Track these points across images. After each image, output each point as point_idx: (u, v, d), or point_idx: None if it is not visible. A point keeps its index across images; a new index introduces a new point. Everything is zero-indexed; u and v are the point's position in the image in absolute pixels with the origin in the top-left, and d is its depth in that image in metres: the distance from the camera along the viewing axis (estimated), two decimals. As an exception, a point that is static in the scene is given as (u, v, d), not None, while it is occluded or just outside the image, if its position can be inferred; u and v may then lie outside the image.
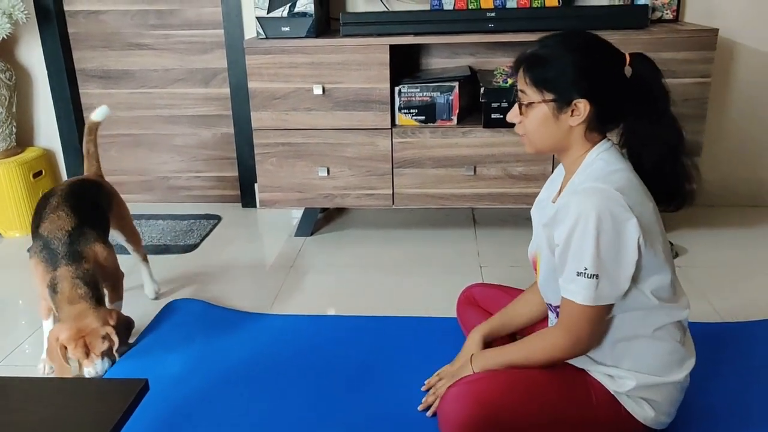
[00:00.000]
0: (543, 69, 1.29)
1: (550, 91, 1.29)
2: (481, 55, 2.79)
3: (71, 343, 1.64)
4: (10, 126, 2.87)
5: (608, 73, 1.30)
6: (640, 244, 1.24)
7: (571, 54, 1.29)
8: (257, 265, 2.54)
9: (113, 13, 3.00)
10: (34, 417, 0.86)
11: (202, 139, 3.14)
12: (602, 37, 1.34)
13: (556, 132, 1.32)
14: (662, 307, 1.32)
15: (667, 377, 1.34)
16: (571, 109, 1.29)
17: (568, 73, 1.28)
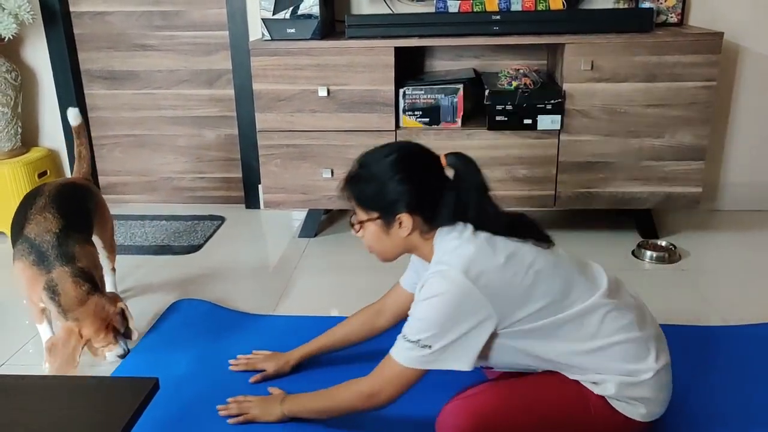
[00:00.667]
0: (362, 189, 1.37)
1: (374, 209, 1.36)
2: (485, 58, 2.80)
3: (100, 334, 1.68)
4: (15, 126, 2.88)
5: (424, 182, 1.35)
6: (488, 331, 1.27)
7: (386, 172, 1.34)
8: (261, 266, 2.54)
9: (119, 14, 3.01)
10: (46, 417, 0.86)
11: (206, 141, 3.15)
12: (417, 145, 1.40)
13: (394, 242, 1.38)
14: (573, 317, 1.32)
15: (638, 376, 1.33)
16: (398, 223, 1.35)
17: (385, 191, 1.34)
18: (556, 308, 1.31)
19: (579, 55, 2.35)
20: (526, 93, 2.41)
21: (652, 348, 1.36)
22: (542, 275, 1.31)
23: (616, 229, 2.74)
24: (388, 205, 1.34)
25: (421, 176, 1.35)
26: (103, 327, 1.68)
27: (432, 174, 1.36)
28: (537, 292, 1.30)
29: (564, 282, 1.33)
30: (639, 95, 2.38)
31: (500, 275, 1.28)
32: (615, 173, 2.48)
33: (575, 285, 1.34)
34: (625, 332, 1.34)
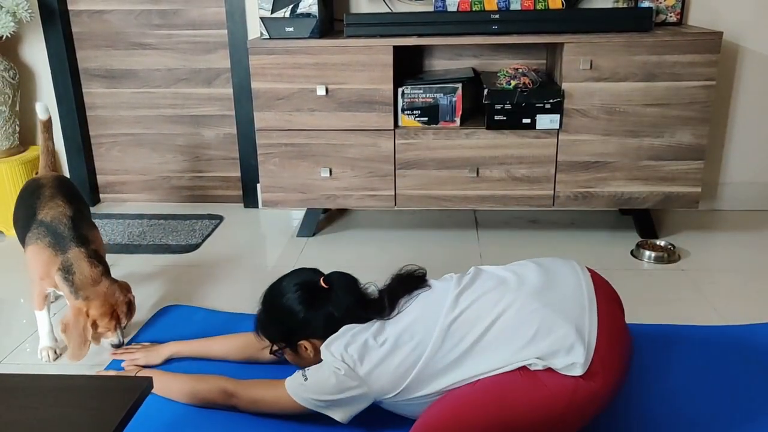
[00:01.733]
0: (264, 329, 1.58)
1: (280, 341, 1.56)
2: (484, 57, 2.79)
3: (105, 318, 1.73)
4: (13, 125, 2.87)
5: (309, 311, 1.51)
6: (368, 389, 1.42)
7: (278, 311, 1.54)
8: (259, 265, 2.53)
9: (117, 13, 3.00)
10: (37, 415, 0.86)
11: (205, 139, 3.14)
12: (303, 273, 1.60)
13: (309, 360, 1.53)
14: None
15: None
16: (303, 347, 1.53)
17: (281, 328, 1.55)
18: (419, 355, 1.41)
19: (578, 55, 2.34)
20: (525, 92, 2.41)
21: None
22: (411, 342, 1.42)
23: (615, 229, 2.74)
24: (289, 337, 1.54)
25: (310, 305, 1.52)
26: (109, 312, 1.74)
27: (318, 299, 1.52)
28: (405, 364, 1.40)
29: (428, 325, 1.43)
30: (638, 95, 2.37)
31: (379, 357, 1.41)
32: (614, 173, 2.47)
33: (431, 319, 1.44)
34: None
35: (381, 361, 1.40)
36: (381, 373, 1.40)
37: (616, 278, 2.17)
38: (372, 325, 1.47)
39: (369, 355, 1.41)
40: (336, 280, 1.58)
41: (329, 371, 1.42)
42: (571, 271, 1.47)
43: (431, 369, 1.38)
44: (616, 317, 1.42)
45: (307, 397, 1.45)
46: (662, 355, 1.80)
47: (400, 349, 1.40)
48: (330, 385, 1.42)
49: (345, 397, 1.42)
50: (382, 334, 1.44)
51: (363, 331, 1.46)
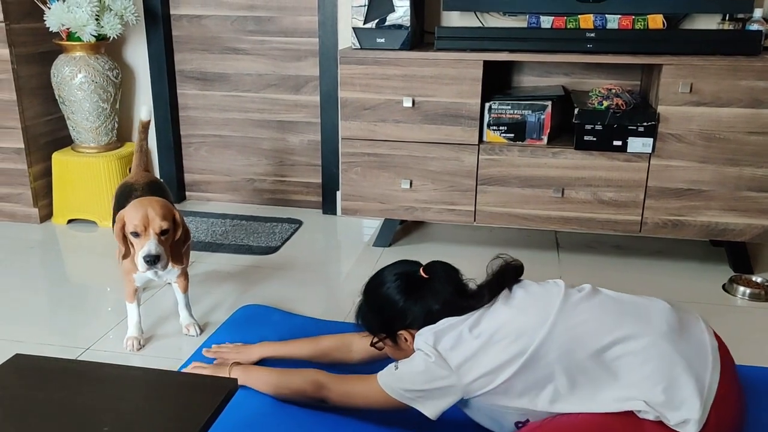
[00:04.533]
0: (365, 319, 1.56)
1: (379, 332, 1.54)
2: (576, 75, 2.73)
3: (134, 213, 1.72)
4: (112, 121, 3.02)
5: (413, 300, 1.48)
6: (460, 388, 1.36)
7: (378, 300, 1.52)
8: (334, 272, 2.55)
9: (215, 18, 3.11)
10: (126, 406, 0.89)
11: (290, 145, 3.21)
12: (403, 264, 1.56)
13: (408, 353, 1.49)
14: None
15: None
16: (402, 338, 1.50)
17: (381, 318, 1.52)
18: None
19: (677, 77, 2.25)
20: (617, 113, 2.33)
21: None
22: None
23: (705, 261, 2.60)
24: (389, 327, 1.52)
25: (410, 295, 1.49)
26: (137, 210, 1.73)
27: (417, 289, 1.50)
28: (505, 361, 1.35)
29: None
30: (741, 121, 2.25)
31: (472, 351, 1.37)
32: (708, 202, 2.35)
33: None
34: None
35: (474, 354, 1.36)
36: (473, 366, 1.35)
37: (707, 314, 2.06)
38: (469, 317, 1.42)
39: (462, 347, 1.37)
40: (436, 270, 1.53)
41: (420, 359, 1.39)
42: (696, 321, 1.38)
43: (528, 377, 1.32)
44: (735, 378, 1.33)
45: (397, 387, 1.41)
46: (765, 400, 1.69)
47: (495, 345, 1.35)
48: (420, 373, 1.38)
49: (434, 388, 1.37)
50: (477, 327, 1.39)
51: (459, 323, 1.41)
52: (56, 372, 0.95)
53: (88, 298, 2.30)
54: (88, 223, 3.00)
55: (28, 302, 2.25)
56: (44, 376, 0.94)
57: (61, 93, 2.88)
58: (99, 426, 0.81)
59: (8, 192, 2.99)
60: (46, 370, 0.96)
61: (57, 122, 3.06)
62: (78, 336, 2.03)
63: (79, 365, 1.04)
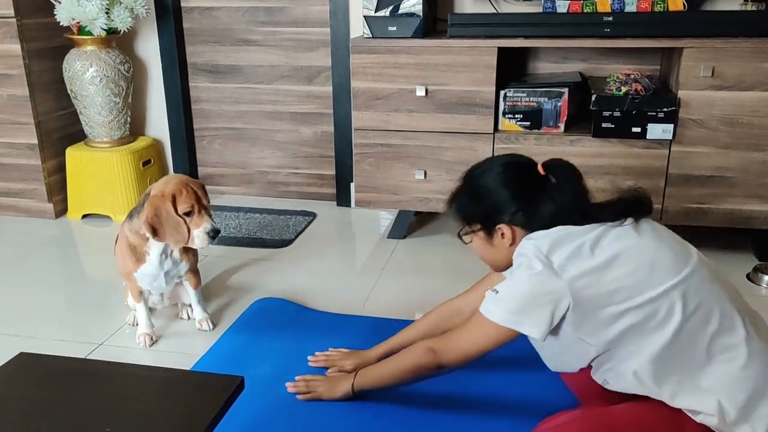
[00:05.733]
0: (461, 205, 1.44)
1: (475, 222, 1.41)
2: (593, 61, 2.66)
3: (182, 190, 1.73)
4: (125, 115, 3.01)
5: (521, 193, 1.36)
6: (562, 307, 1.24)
7: (485, 185, 1.40)
8: (349, 264, 2.53)
9: (226, 10, 3.08)
10: (132, 405, 0.87)
11: (303, 137, 3.18)
12: (516, 156, 1.46)
13: (500, 251, 1.40)
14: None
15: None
16: (500, 234, 1.38)
17: (483, 204, 1.39)
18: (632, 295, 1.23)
19: (698, 60, 2.18)
20: (636, 99, 2.27)
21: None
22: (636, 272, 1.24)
23: (728, 250, 2.54)
24: (488, 217, 1.39)
25: (519, 188, 1.38)
26: (184, 187, 1.74)
27: (529, 184, 1.38)
28: (620, 293, 1.22)
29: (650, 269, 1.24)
30: (765, 105, 2.18)
31: (590, 266, 1.23)
32: (732, 189, 2.29)
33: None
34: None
35: (592, 271, 1.22)
36: (590, 283, 1.21)
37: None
38: (590, 231, 1.26)
39: (580, 261, 1.22)
40: (556, 169, 1.37)
41: (523, 274, 1.25)
42: None
43: (640, 315, 1.20)
44: None
45: (502, 311, 1.28)
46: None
47: (619, 268, 1.22)
48: (525, 289, 1.25)
49: (542, 303, 1.23)
50: (599, 245, 1.24)
51: (579, 234, 1.26)
52: (60, 371, 0.94)
53: (103, 293, 2.29)
54: (102, 217, 2.99)
55: (43, 298, 2.25)
56: (48, 375, 0.93)
57: (74, 88, 2.88)
58: (101, 426, 0.80)
59: (23, 188, 3.00)
60: (49, 369, 0.94)
61: (70, 117, 3.06)
62: (92, 331, 2.02)
63: (83, 364, 1.02)
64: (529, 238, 1.31)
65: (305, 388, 1.63)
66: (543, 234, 1.29)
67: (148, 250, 1.83)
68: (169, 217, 1.73)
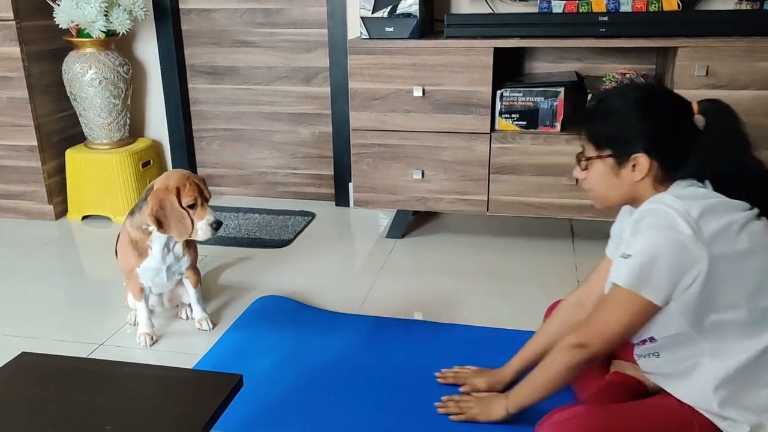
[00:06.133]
0: (599, 125, 1.30)
1: (607, 147, 1.28)
2: (589, 61, 2.68)
3: (185, 183, 1.77)
4: (124, 117, 3.03)
5: (669, 124, 1.26)
6: (697, 277, 1.16)
7: (628, 108, 1.27)
8: (348, 264, 2.54)
9: (224, 11, 3.10)
10: (132, 403, 0.88)
11: (301, 137, 3.20)
12: (664, 86, 1.32)
13: (620, 186, 1.30)
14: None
15: None
16: (632, 164, 1.27)
17: (623, 127, 1.27)
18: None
19: (693, 60, 2.20)
20: (632, 98, 2.28)
21: None
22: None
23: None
24: (625, 143, 1.26)
25: (667, 118, 1.26)
26: (185, 179, 1.78)
27: (679, 118, 1.26)
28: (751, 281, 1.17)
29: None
30: (760, 104, 2.20)
31: (733, 249, 1.16)
32: (727, 187, 2.30)
33: None
34: None
35: (735, 256, 1.15)
36: (726, 265, 1.15)
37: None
38: (740, 211, 1.18)
39: (726, 239, 1.15)
40: (714, 113, 1.26)
41: (666, 230, 1.15)
42: None
43: (735, 322, 1.17)
44: None
45: (633, 278, 1.18)
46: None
47: (755, 263, 1.16)
48: (664, 248, 1.15)
49: (678, 269, 1.15)
50: (744, 230, 1.16)
51: (730, 210, 1.17)
52: (61, 370, 0.95)
53: (104, 294, 2.31)
54: (102, 219, 3.01)
55: (43, 299, 2.27)
56: (49, 374, 0.94)
57: (73, 90, 2.89)
58: (102, 425, 0.81)
59: (23, 189, 3.01)
60: (50, 368, 0.96)
61: (69, 119, 3.08)
62: (93, 332, 2.04)
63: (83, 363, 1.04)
64: (677, 196, 1.20)
65: (456, 409, 1.54)
66: (691, 194, 1.20)
67: (150, 244, 1.85)
68: (174, 210, 1.76)
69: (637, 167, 1.26)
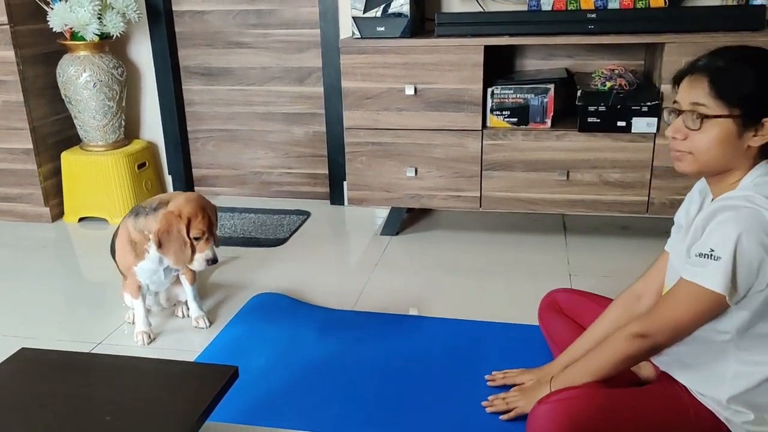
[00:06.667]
0: (735, 82, 1.21)
1: (740, 106, 1.21)
2: (579, 57, 2.71)
3: (198, 214, 1.77)
4: (119, 119, 3.05)
5: None
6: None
7: (762, 70, 1.22)
8: (343, 261, 2.57)
9: (217, 13, 3.12)
10: (130, 395, 0.91)
11: (295, 137, 3.22)
12: None
13: (732, 151, 1.23)
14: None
15: None
16: (756, 128, 1.22)
17: (761, 89, 1.21)
18: None
19: (680, 55, 2.23)
20: (620, 94, 2.32)
21: None
22: None
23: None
24: (760, 105, 1.20)
25: None
26: (200, 211, 1.78)
27: None
28: None
29: None
30: (746, 98, 2.22)
31: None
32: (716, 180, 2.33)
33: None
34: None
35: None
36: None
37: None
38: None
39: None
40: None
41: (757, 233, 1.14)
42: None
43: None
44: None
45: (715, 277, 1.17)
46: None
47: None
48: (751, 251, 1.14)
49: (761, 272, 1.15)
50: None
51: None
52: (60, 365, 0.98)
53: (102, 294, 2.33)
54: (99, 220, 3.03)
55: (41, 300, 2.29)
56: (48, 368, 0.96)
57: (68, 92, 2.91)
58: (101, 416, 0.84)
59: (19, 192, 3.03)
60: (50, 363, 0.98)
61: (64, 122, 3.10)
62: (91, 331, 2.06)
63: (82, 358, 1.06)
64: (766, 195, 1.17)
65: (505, 406, 1.53)
66: None
67: (148, 248, 1.87)
68: (179, 237, 1.78)
69: (762, 132, 1.21)
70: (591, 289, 1.88)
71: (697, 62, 1.27)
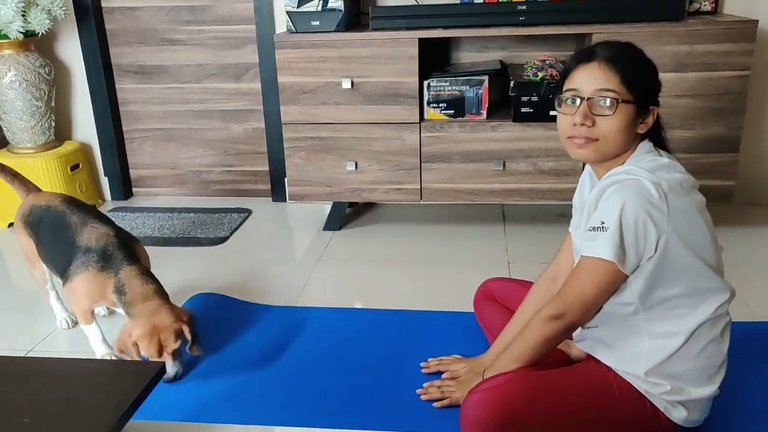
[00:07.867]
0: (636, 71, 1.30)
1: (638, 93, 1.29)
2: (512, 49, 2.76)
3: (144, 340, 1.60)
4: (49, 120, 2.95)
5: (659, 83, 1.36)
6: (659, 247, 1.25)
7: (650, 62, 1.35)
8: (285, 258, 2.55)
9: (148, 9, 3.05)
10: (52, 396, 0.88)
11: (234, 134, 3.18)
12: None
13: (629, 137, 1.31)
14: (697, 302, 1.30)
15: (702, 388, 1.32)
16: (644, 116, 1.32)
17: (653, 78, 1.33)
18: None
19: (607, 45, 2.29)
20: (552, 84, 2.37)
21: (719, 375, 1.35)
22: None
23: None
24: (649, 94, 1.32)
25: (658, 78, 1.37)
26: (150, 334, 1.61)
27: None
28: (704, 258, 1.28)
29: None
30: (668, 86, 2.26)
31: (687, 226, 1.26)
32: (644, 166, 2.42)
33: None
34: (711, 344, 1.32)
35: (689, 234, 1.26)
36: (683, 247, 1.25)
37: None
38: (682, 170, 1.31)
39: (686, 216, 1.26)
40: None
41: (638, 198, 1.22)
42: None
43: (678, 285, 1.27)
44: None
45: (607, 247, 1.23)
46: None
47: (702, 222, 1.30)
48: (633, 217, 1.22)
49: (643, 236, 1.23)
50: (699, 204, 1.32)
51: (674, 168, 1.30)
52: (-23, 369, 0.94)
53: (32, 300, 2.25)
54: (30, 225, 2.92)
55: (-32, 309, 2.19)
56: (-36, 373, 0.93)
57: (-8, 93, 2.80)
58: (19, 418, 0.81)
59: (-56, 199, 2.89)
60: (-34, 367, 0.95)
61: (-10, 124, 2.97)
62: (21, 338, 1.99)
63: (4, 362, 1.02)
64: (647, 169, 1.26)
65: (439, 394, 1.56)
66: (660, 165, 1.28)
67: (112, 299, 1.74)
68: (129, 350, 1.61)
69: (646, 121, 1.32)
70: (529, 276, 1.92)
71: (592, 52, 1.33)
